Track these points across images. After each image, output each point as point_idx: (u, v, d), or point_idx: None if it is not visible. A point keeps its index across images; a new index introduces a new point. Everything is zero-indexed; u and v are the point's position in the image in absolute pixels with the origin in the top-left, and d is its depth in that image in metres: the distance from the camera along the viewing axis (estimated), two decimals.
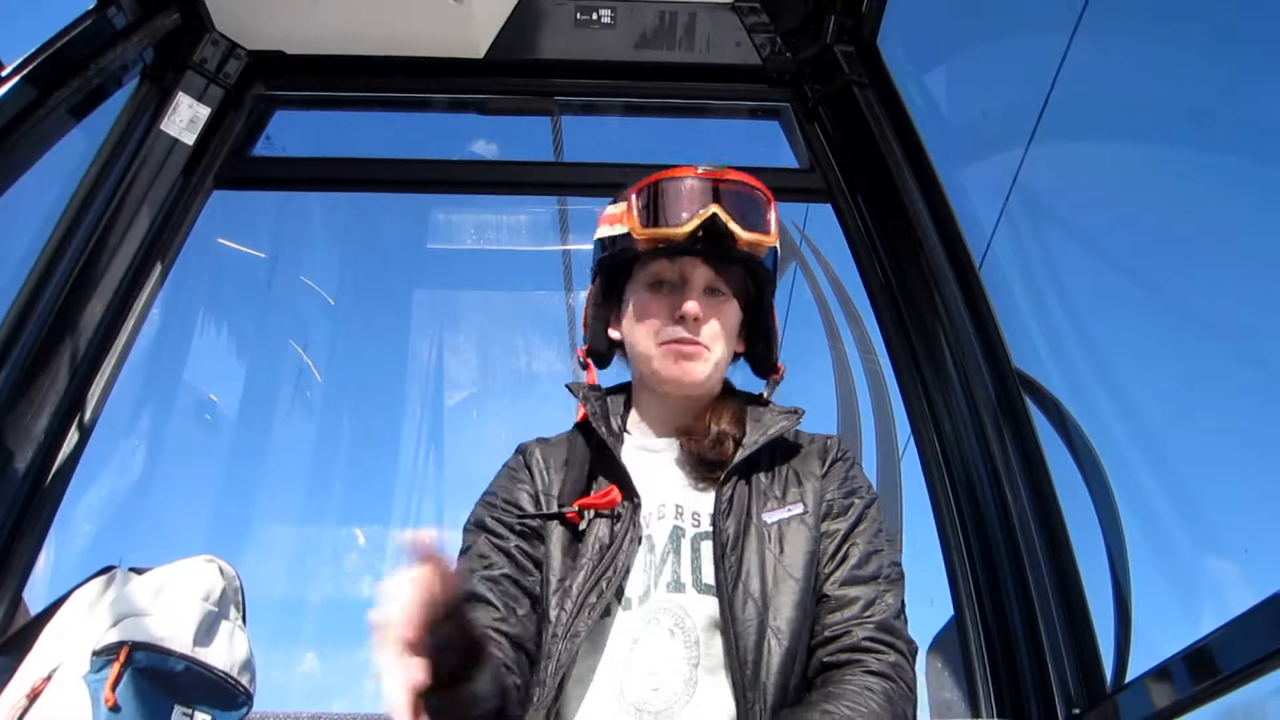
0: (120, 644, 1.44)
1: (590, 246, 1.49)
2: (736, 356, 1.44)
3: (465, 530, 1.35)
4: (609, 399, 1.41)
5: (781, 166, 2.61)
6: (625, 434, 1.39)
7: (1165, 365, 1.95)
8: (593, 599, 1.19)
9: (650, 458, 1.35)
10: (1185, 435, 1.87)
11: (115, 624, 1.47)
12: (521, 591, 1.25)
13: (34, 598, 1.96)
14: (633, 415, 1.43)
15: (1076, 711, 1.78)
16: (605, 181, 2.59)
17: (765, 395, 1.42)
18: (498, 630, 1.20)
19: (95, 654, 1.43)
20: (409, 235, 3.58)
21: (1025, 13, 2.37)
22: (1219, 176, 1.82)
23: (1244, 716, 1.35)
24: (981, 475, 2.06)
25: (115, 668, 1.42)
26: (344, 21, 2.42)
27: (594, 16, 2.50)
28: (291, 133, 2.64)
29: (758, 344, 1.43)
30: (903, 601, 1.27)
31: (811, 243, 3.13)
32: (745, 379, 1.49)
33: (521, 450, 1.41)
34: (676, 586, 1.21)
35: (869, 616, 1.21)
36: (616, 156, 2.62)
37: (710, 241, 1.30)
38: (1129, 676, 1.71)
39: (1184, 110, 1.88)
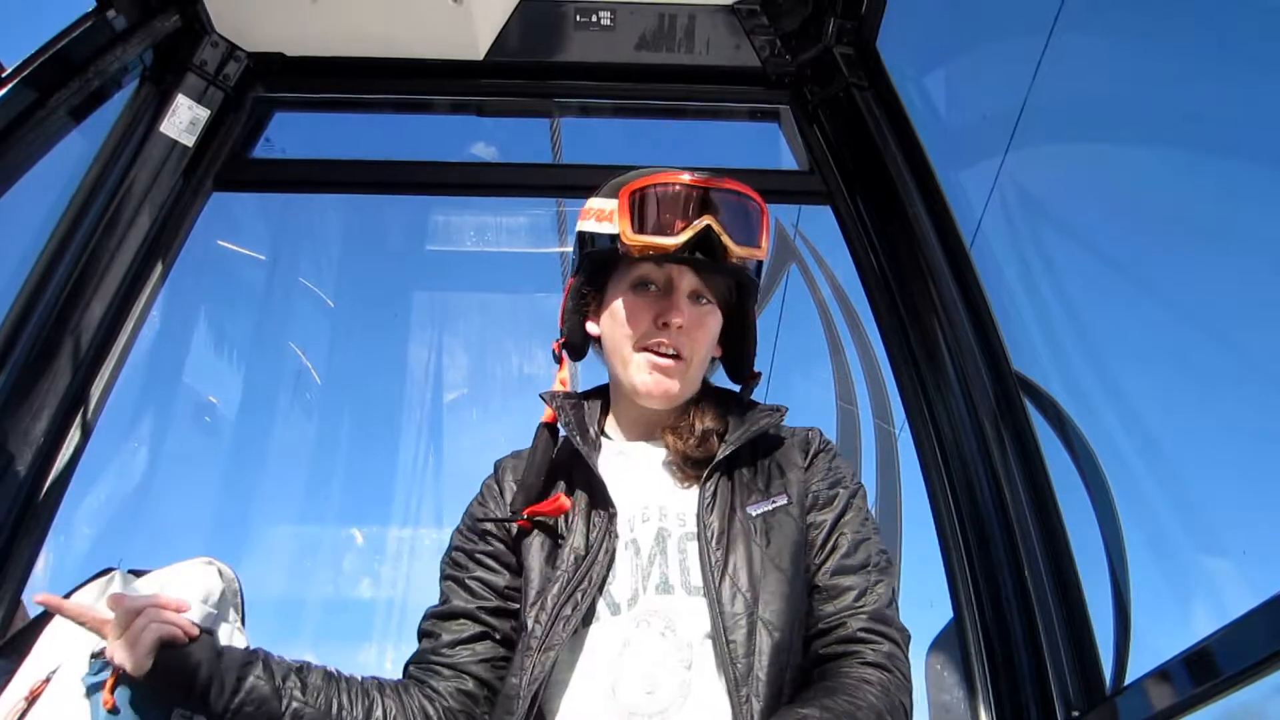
0: None
1: None
2: (713, 361, 1.43)
3: (443, 562, 1.40)
4: (585, 404, 1.41)
5: (781, 169, 2.61)
6: (604, 438, 1.39)
7: (1165, 365, 1.95)
8: (567, 610, 1.19)
9: (630, 462, 1.35)
10: (1185, 436, 1.87)
11: None
12: (492, 589, 1.32)
13: (33, 600, 1.96)
14: (610, 419, 1.42)
15: (1076, 714, 1.78)
16: (604, 184, 2.60)
17: (744, 399, 1.42)
18: (481, 620, 1.31)
19: (94, 656, 1.43)
20: (408, 237, 3.59)
21: (1025, 15, 2.37)
22: (1218, 175, 1.82)
23: (1244, 719, 1.35)
24: (981, 477, 2.06)
25: (114, 670, 1.42)
26: (344, 23, 2.41)
27: (593, 19, 2.50)
28: (291, 135, 2.64)
29: (736, 349, 1.42)
30: (894, 590, 1.28)
31: (811, 245, 3.14)
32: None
33: (497, 467, 1.43)
34: (665, 588, 1.21)
35: (861, 607, 1.23)
36: (615, 159, 2.61)
37: (701, 252, 1.28)
38: (1128, 679, 1.71)
39: (1181, 110, 1.88)
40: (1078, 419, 2.01)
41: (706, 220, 1.27)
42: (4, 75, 1.88)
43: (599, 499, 1.27)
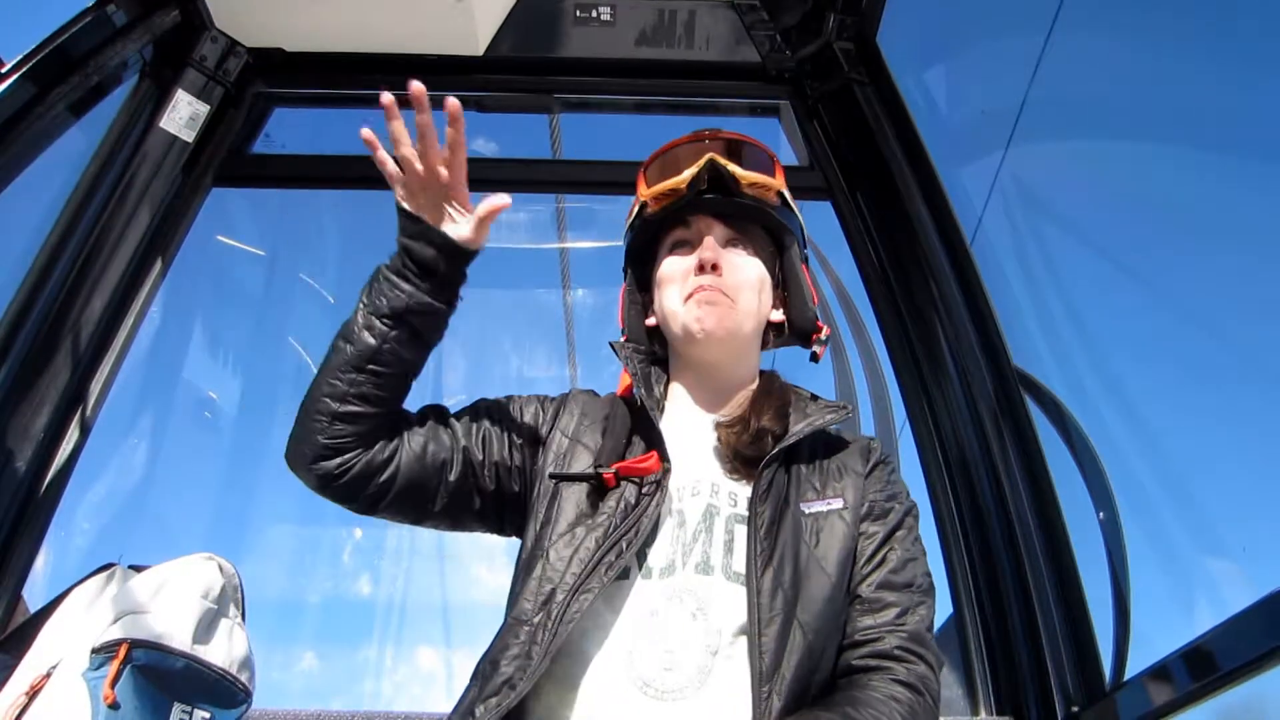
0: (119, 641, 1.44)
1: (588, 245, 1.51)
2: (781, 330, 1.44)
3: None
4: (652, 367, 1.41)
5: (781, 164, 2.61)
6: (664, 403, 1.38)
7: (1165, 361, 1.95)
8: (611, 557, 1.15)
9: (687, 432, 1.32)
10: (1185, 433, 1.87)
11: (115, 621, 1.47)
12: (480, 434, 1.32)
13: (33, 595, 1.97)
14: (671, 390, 1.41)
15: (1075, 709, 1.78)
16: (603, 180, 2.60)
17: (816, 354, 1.44)
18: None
19: (94, 651, 1.43)
20: None
21: (1025, 10, 2.37)
22: (1219, 171, 1.82)
23: (1242, 714, 1.35)
24: (981, 473, 2.06)
25: (114, 665, 1.42)
26: (344, 19, 2.41)
27: (593, 14, 2.50)
28: (290, 130, 2.64)
29: (794, 305, 1.43)
30: (934, 615, 1.25)
31: (812, 242, 3.13)
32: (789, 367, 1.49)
33: (566, 393, 1.42)
34: (705, 569, 1.17)
35: (901, 625, 1.20)
36: (615, 155, 2.62)
37: (715, 190, 1.35)
38: (1128, 674, 1.71)
39: (1182, 106, 1.88)
40: (1078, 415, 2.01)
41: (709, 155, 1.35)
42: (4, 70, 1.88)
43: (658, 454, 1.25)
